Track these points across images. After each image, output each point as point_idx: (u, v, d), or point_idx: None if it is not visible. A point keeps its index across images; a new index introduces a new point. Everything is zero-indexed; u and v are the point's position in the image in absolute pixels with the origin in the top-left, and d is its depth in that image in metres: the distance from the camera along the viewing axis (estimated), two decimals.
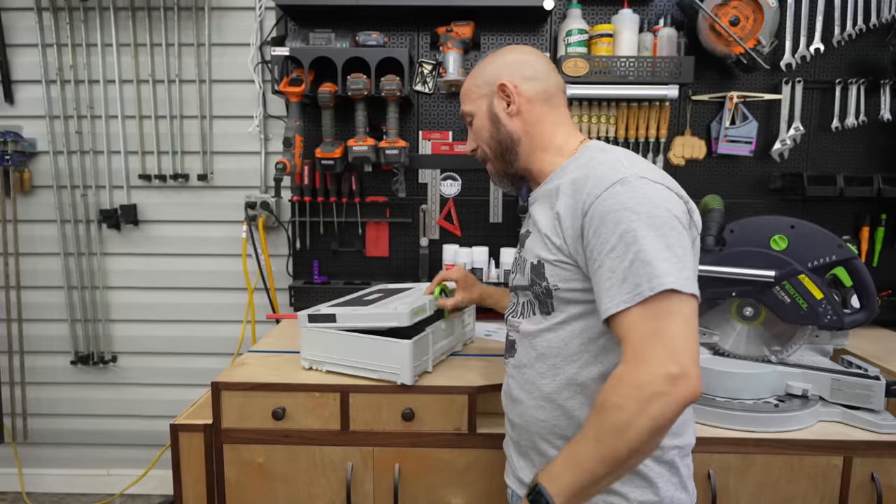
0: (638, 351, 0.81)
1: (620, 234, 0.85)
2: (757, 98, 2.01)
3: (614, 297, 0.84)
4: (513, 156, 1.08)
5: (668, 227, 0.85)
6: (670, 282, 0.81)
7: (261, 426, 1.42)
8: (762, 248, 1.37)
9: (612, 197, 0.87)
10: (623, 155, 0.95)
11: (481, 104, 1.09)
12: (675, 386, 0.77)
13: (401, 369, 1.37)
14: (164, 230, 2.25)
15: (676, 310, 0.81)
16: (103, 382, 2.35)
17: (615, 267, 0.85)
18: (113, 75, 2.16)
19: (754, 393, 1.37)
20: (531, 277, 1.02)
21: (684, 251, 0.85)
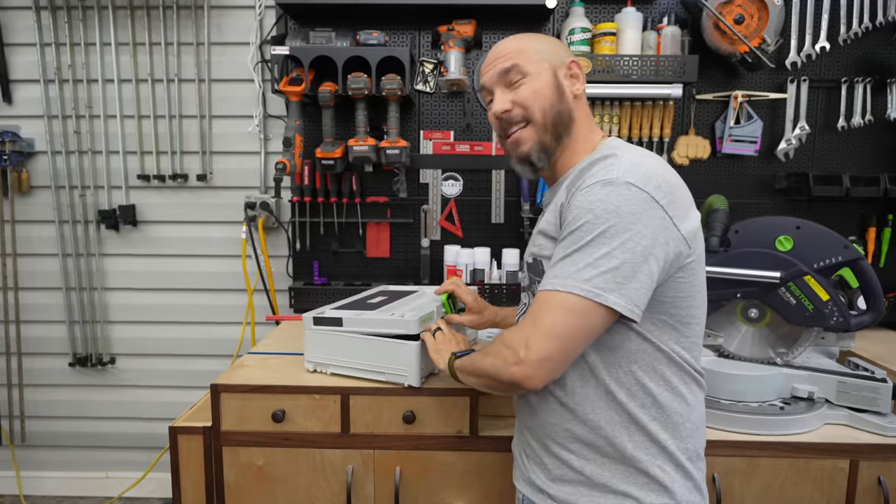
0: (523, 321, 0.92)
1: (573, 229, 0.90)
2: (762, 97, 2.01)
3: (546, 278, 0.92)
4: (565, 132, 1.04)
5: (622, 239, 0.87)
6: (578, 287, 0.87)
7: (260, 429, 1.42)
8: (767, 249, 1.37)
9: (585, 195, 0.90)
10: (627, 158, 0.93)
11: (544, 69, 1.03)
12: (513, 365, 0.90)
13: (408, 371, 1.37)
14: (163, 231, 2.26)
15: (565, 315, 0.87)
16: (102, 384, 2.35)
17: (558, 254, 0.92)
18: (111, 75, 2.17)
19: (759, 395, 1.37)
20: (529, 276, 1.03)
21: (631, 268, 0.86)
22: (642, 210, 0.87)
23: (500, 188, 2.13)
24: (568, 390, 0.98)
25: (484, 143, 2.12)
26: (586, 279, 0.86)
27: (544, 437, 1.03)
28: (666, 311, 0.94)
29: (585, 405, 0.97)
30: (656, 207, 0.89)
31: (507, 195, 2.13)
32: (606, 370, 0.95)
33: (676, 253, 0.91)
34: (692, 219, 0.95)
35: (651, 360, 0.95)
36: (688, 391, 0.98)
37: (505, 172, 2.12)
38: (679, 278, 0.93)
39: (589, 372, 0.96)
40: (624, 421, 0.95)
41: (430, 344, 1.25)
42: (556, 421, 1.00)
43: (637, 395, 0.95)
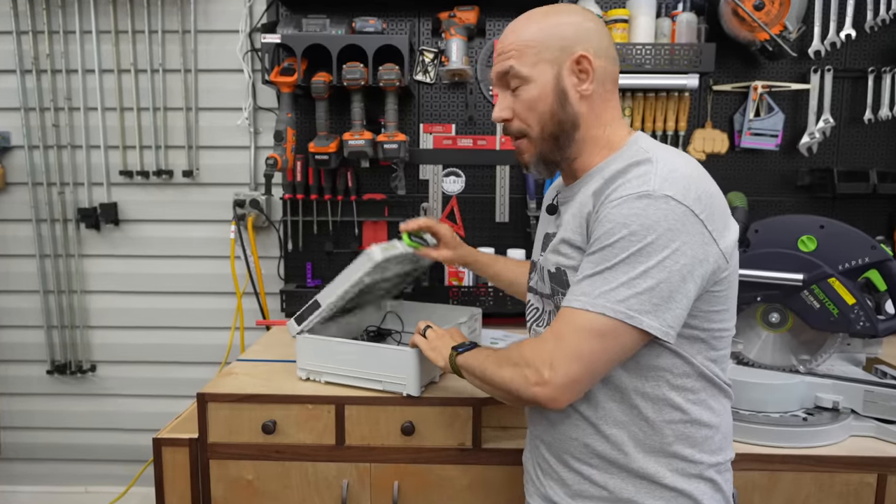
0: (544, 335, 0.93)
1: (606, 245, 0.88)
2: (783, 88, 2.01)
3: (570, 293, 0.92)
4: (568, 142, 1.00)
5: (658, 257, 0.85)
6: (614, 310, 0.86)
7: (250, 440, 1.42)
8: (789, 250, 1.37)
9: (619, 207, 0.88)
10: (663, 166, 0.90)
11: (544, 70, 0.97)
12: (535, 385, 0.90)
13: (407, 379, 1.37)
14: (147, 230, 2.26)
15: (595, 332, 0.87)
16: (81, 393, 2.35)
17: (585, 269, 0.90)
18: (92, 64, 2.17)
19: (781, 406, 1.37)
20: (552, 286, 1.02)
21: (663, 285, 0.85)
22: (681, 226, 0.86)
23: (505, 185, 2.13)
24: (591, 404, 0.98)
25: (487, 136, 2.12)
26: (619, 300, 0.86)
27: (562, 452, 1.02)
28: (697, 324, 0.93)
29: (609, 420, 0.97)
30: (696, 222, 0.87)
31: (512, 192, 2.14)
32: (633, 385, 0.95)
33: (714, 269, 0.90)
34: (731, 232, 0.94)
35: (680, 375, 0.94)
36: (716, 404, 0.98)
37: (510, 168, 2.12)
38: (714, 292, 0.92)
39: (614, 387, 0.96)
40: (649, 437, 0.95)
41: (424, 344, 1.26)
42: (577, 435, 1.00)
43: (664, 410, 0.95)
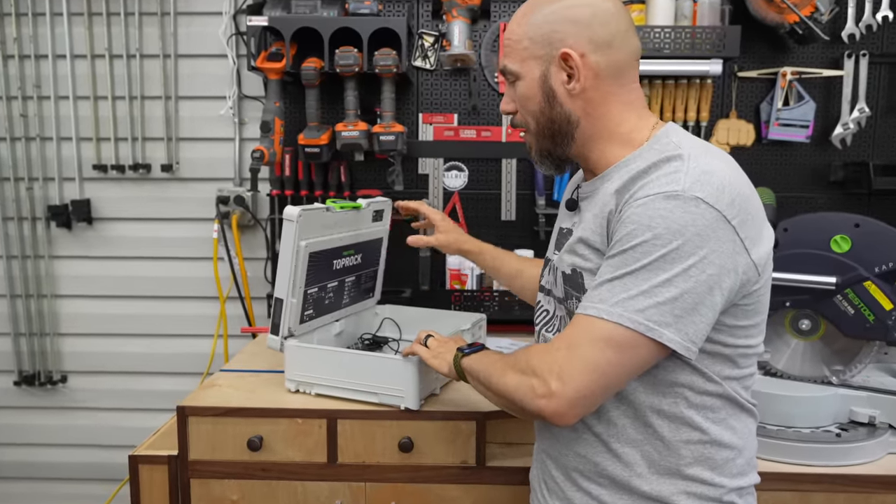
0: (554, 342, 0.93)
1: (627, 248, 0.87)
2: (815, 75, 2.00)
3: (587, 299, 0.91)
4: (566, 139, 1.02)
5: (683, 265, 0.85)
6: (632, 320, 0.85)
7: (234, 458, 1.42)
8: (821, 251, 1.37)
9: (646, 208, 0.87)
10: (695, 163, 0.89)
11: (532, 67, 1.00)
12: (542, 397, 0.90)
13: (405, 391, 1.37)
14: (123, 229, 2.26)
15: (611, 344, 0.86)
16: (51, 406, 2.35)
17: (604, 273, 0.90)
18: (63, 49, 2.17)
19: (812, 420, 1.36)
20: (565, 289, 1.01)
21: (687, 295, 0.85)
22: (711, 231, 0.85)
23: (512, 180, 2.13)
24: (603, 421, 0.98)
25: (492, 127, 2.12)
26: (639, 309, 0.85)
27: (570, 469, 1.02)
28: (722, 340, 0.92)
29: (621, 438, 0.96)
30: (727, 229, 0.86)
31: (519, 188, 2.13)
32: (648, 401, 0.95)
33: (744, 281, 0.89)
34: (766, 241, 0.93)
35: (699, 393, 0.94)
36: (739, 423, 0.98)
37: (517, 162, 2.12)
38: (742, 306, 0.92)
39: (628, 403, 0.96)
40: (665, 458, 0.95)
41: (426, 353, 1.26)
42: (586, 452, 1.00)
43: (681, 430, 0.94)
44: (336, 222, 1.55)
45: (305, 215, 1.42)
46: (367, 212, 1.68)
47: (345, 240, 1.59)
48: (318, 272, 1.52)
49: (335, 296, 1.63)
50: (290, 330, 1.47)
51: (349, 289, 1.69)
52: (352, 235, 1.62)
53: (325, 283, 1.57)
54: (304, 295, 1.48)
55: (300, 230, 1.42)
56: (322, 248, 1.50)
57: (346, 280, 1.66)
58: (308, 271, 1.47)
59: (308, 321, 1.53)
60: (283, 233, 1.42)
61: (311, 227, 1.46)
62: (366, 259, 1.72)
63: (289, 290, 1.44)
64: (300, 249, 1.43)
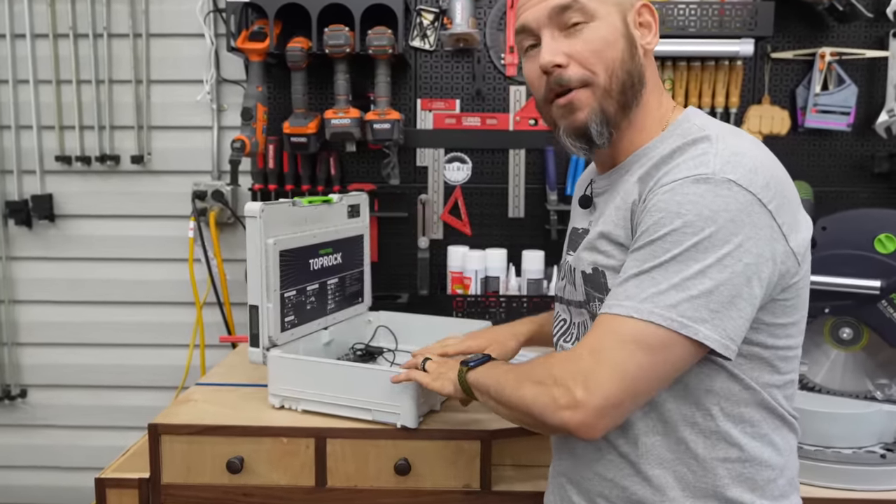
0: (577, 347, 0.91)
1: (654, 238, 0.87)
2: (857, 56, 2.00)
3: (611, 297, 0.91)
4: (635, 99, 1.00)
5: (717, 254, 0.85)
6: (664, 316, 0.84)
7: (212, 481, 1.42)
8: (864, 251, 1.37)
9: (672, 193, 0.87)
10: (723, 144, 0.90)
11: (612, 12, 0.98)
12: (566, 408, 0.87)
13: (402, 407, 1.37)
14: (89, 227, 2.26)
15: (641, 345, 0.85)
16: (9, 424, 2.35)
17: (629, 268, 0.90)
18: (22, 28, 2.18)
19: (853, 440, 1.36)
20: (586, 291, 1.01)
21: (722, 288, 0.84)
22: (746, 216, 0.85)
23: (520, 173, 2.13)
24: (630, 439, 0.97)
25: (499, 114, 2.12)
26: (671, 304, 0.84)
27: (595, 495, 1.02)
28: (760, 340, 0.92)
29: (651, 458, 0.96)
30: (763, 213, 0.86)
31: (528, 182, 2.14)
32: (680, 414, 0.94)
33: (783, 272, 0.89)
34: (804, 228, 0.93)
35: (737, 402, 0.94)
36: (780, 439, 0.98)
37: (526, 152, 2.12)
38: (781, 300, 0.92)
39: (657, 417, 0.95)
40: (700, 478, 0.94)
41: (425, 378, 1.24)
42: (612, 476, 0.99)
43: (718, 446, 0.94)
44: (306, 218, 1.58)
45: (269, 210, 1.46)
46: (341, 207, 1.71)
47: (319, 237, 1.61)
48: (294, 273, 1.54)
49: (318, 300, 1.63)
50: (272, 339, 1.48)
51: (333, 292, 1.69)
52: (326, 232, 1.64)
53: (304, 285, 1.58)
54: (282, 299, 1.50)
55: (265, 227, 1.44)
56: (293, 246, 1.52)
57: (328, 282, 1.67)
58: (282, 272, 1.49)
59: (290, 328, 1.53)
60: (248, 232, 1.45)
61: (277, 224, 1.48)
62: (347, 259, 1.73)
63: (262, 294, 1.45)
64: (269, 248, 1.45)
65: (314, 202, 1.61)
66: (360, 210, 1.78)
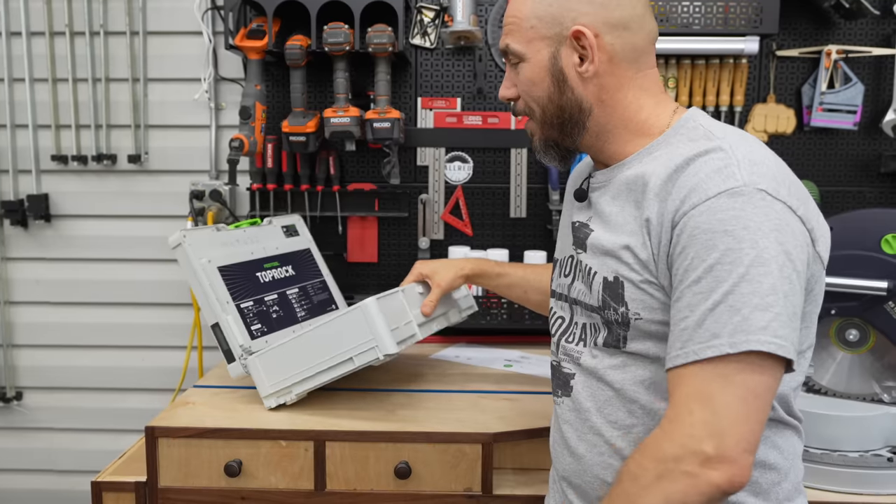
0: (677, 413, 0.85)
1: (712, 263, 0.85)
2: (863, 53, 2.00)
3: (685, 343, 0.85)
4: (577, 129, 1.03)
5: (778, 263, 0.84)
6: (759, 341, 0.82)
7: (210, 485, 1.42)
8: (870, 252, 1.36)
9: (711, 212, 0.86)
10: (739, 149, 0.91)
11: (539, 49, 1.00)
12: (707, 468, 0.80)
13: (376, 338, 1.37)
14: (85, 227, 2.27)
15: (749, 377, 0.82)
16: (4, 427, 2.35)
17: (694, 305, 0.85)
18: (17, 26, 2.18)
19: (860, 443, 1.36)
20: (603, 298, 0.99)
21: (793, 300, 0.84)
22: (785, 225, 0.86)
23: (522, 172, 2.13)
24: (632, 440, 0.98)
25: (500, 113, 2.12)
26: (762, 327, 0.82)
27: (596, 500, 1.02)
28: None
29: None
30: (795, 220, 0.87)
31: (530, 181, 2.14)
32: None
33: (808, 276, 0.90)
34: (826, 232, 0.94)
35: None
36: (784, 442, 0.98)
37: (527, 152, 2.12)
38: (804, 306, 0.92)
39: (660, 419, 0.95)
40: None
41: None
42: (614, 480, 0.99)
43: None
44: (237, 239, 1.70)
45: (190, 235, 1.58)
46: (274, 228, 1.84)
47: (257, 253, 1.71)
48: (244, 286, 1.63)
49: (282, 308, 1.71)
50: (244, 348, 1.53)
51: (297, 300, 1.77)
52: (264, 248, 1.76)
53: (261, 296, 1.67)
54: (239, 309, 1.58)
55: (193, 250, 1.56)
56: (231, 262, 1.62)
57: (288, 292, 1.75)
58: (230, 286, 1.58)
59: (262, 336, 1.60)
60: (179, 259, 1.56)
61: (205, 246, 1.60)
62: (300, 270, 1.83)
63: (217, 308, 1.54)
64: (206, 266, 1.56)
65: (241, 226, 1.75)
66: (297, 230, 1.90)
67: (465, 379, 1.72)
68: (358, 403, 1.54)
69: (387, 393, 1.61)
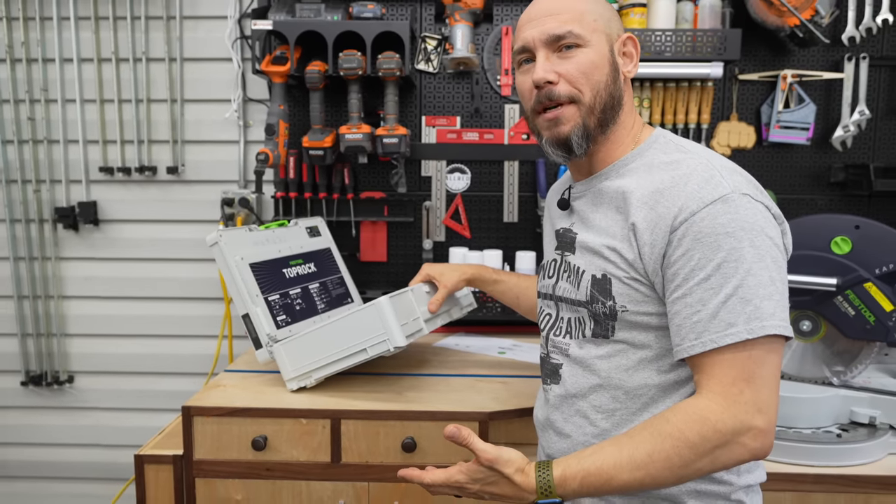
0: (728, 392, 0.85)
1: (719, 262, 0.86)
2: (815, 77, 2.00)
3: (701, 334, 0.87)
4: (613, 118, 1.01)
5: (771, 257, 0.87)
6: (773, 325, 0.85)
7: (239, 458, 1.42)
8: (821, 252, 1.36)
9: (712, 217, 0.87)
10: (715, 160, 0.94)
11: (601, 40, 0.99)
12: (755, 440, 0.84)
13: (387, 332, 1.37)
14: (129, 231, 2.26)
15: (770, 357, 0.85)
16: (58, 406, 2.36)
17: (706, 300, 0.87)
18: (70, 53, 2.18)
19: (812, 421, 1.36)
20: (591, 293, 0.99)
21: (784, 286, 0.88)
22: (767, 223, 0.89)
23: (514, 182, 2.13)
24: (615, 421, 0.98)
25: (495, 130, 2.12)
26: (771, 313, 0.86)
27: None
28: None
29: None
30: (771, 218, 0.91)
31: (521, 190, 2.13)
32: (662, 400, 0.96)
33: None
34: (787, 227, 0.97)
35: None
36: None
37: (519, 164, 2.12)
38: None
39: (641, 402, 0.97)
40: None
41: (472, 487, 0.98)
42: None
43: None
44: (266, 240, 1.69)
45: (226, 235, 1.57)
46: (298, 229, 1.82)
47: (284, 251, 1.70)
48: (271, 281, 1.62)
49: (305, 302, 1.69)
50: (271, 336, 1.52)
51: (318, 294, 1.75)
52: (290, 247, 1.74)
53: (286, 290, 1.65)
54: (267, 302, 1.56)
55: (228, 248, 1.55)
56: (261, 259, 1.61)
57: (310, 287, 1.74)
58: (259, 281, 1.57)
59: (286, 326, 1.59)
60: (216, 257, 1.54)
61: (239, 245, 1.58)
62: (321, 267, 1.81)
63: (248, 301, 1.53)
64: (238, 263, 1.55)
65: (270, 226, 1.73)
66: (320, 230, 1.88)
67: (463, 364, 1.72)
68: (370, 386, 1.54)
69: (395, 377, 1.61)
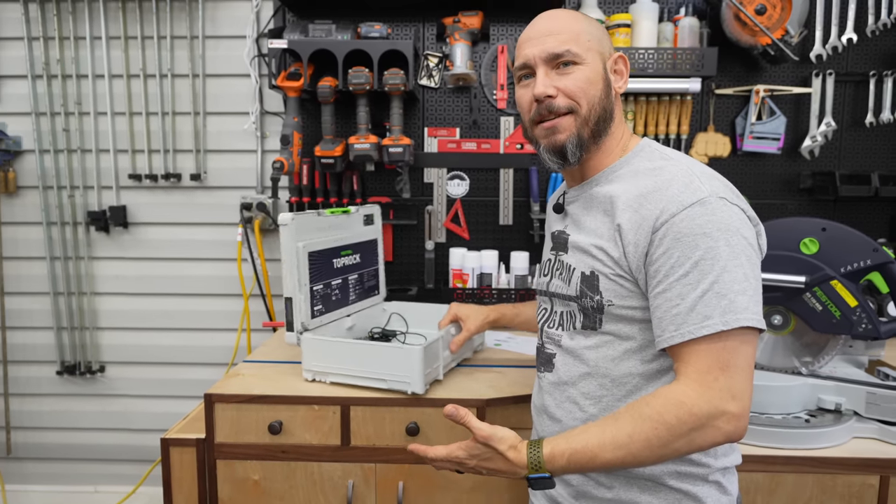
0: (704, 379, 0.85)
1: (696, 260, 0.86)
2: (785, 92, 2.00)
3: (680, 326, 0.87)
4: (605, 129, 1.02)
5: (745, 255, 0.87)
6: (746, 318, 0.85)
7: (256, 441, 1.42)
8: (791, 252, 1.36)
9: (690, 219, 0.87)
10: (695, 167, 0.94)
11: (595, 58, 1.00)
12: (728, 424, 0.84)
13: (411, 377, 1.37)
14: (155, 233, 2.27)
15: (744, 347, 0.85)
16: (90, 394, 2.36)
17: (685, 294, 0.87)
18: (102, 70, 2.18)
19: (783, 407, 1.36)
20: (581, 289, 1.00)
21: (758, 282, 0.88)
22: (741, 224, 0.89)
23: (509, 188, 2.13)
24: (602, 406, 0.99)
25: (491, 140, 2.12)
26: (745, 307, 0.85)
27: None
28: None
29: None
30: (746, 219, 0.91)
31: (515, 195, 2.13)
32: (643, 387, 0.96)
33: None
34: (762, 228, 0.97)
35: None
36: None
37: (514, 171, 2.12)
38: None
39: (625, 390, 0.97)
40: None
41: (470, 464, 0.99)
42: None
43: None
44: (329, 225, 1.62)
45: (298, 219, 1.49)
46: (358, 216, 1.73)
47: (340, 241, 1.64)
48: (320, 270, 1.56)
49: (341, 293, 1.65)
50: (304, 325, 1.49)
51: (353, 286, 1.71)
52: (346, 237, 1.67)
53: (329, 280, 1.60)
54: (311, 291, 1.52)
55: (295, 232, 1.47)
56: (319, 248, 1.55)
57: (349, 278, 1.68)
58: (310, 270, 1.51)
59: (319, 316, 1.55)
60: (282, 237, 1.47)
61: (305, 230, 1.51)
62: (364, 258, 1.75)
63: (295, 287, 1.48)
64: (299, 250, 1.48)
65: (335, 212, 1.64)
66: (374, 219, 1.81)
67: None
68: None
69: None
